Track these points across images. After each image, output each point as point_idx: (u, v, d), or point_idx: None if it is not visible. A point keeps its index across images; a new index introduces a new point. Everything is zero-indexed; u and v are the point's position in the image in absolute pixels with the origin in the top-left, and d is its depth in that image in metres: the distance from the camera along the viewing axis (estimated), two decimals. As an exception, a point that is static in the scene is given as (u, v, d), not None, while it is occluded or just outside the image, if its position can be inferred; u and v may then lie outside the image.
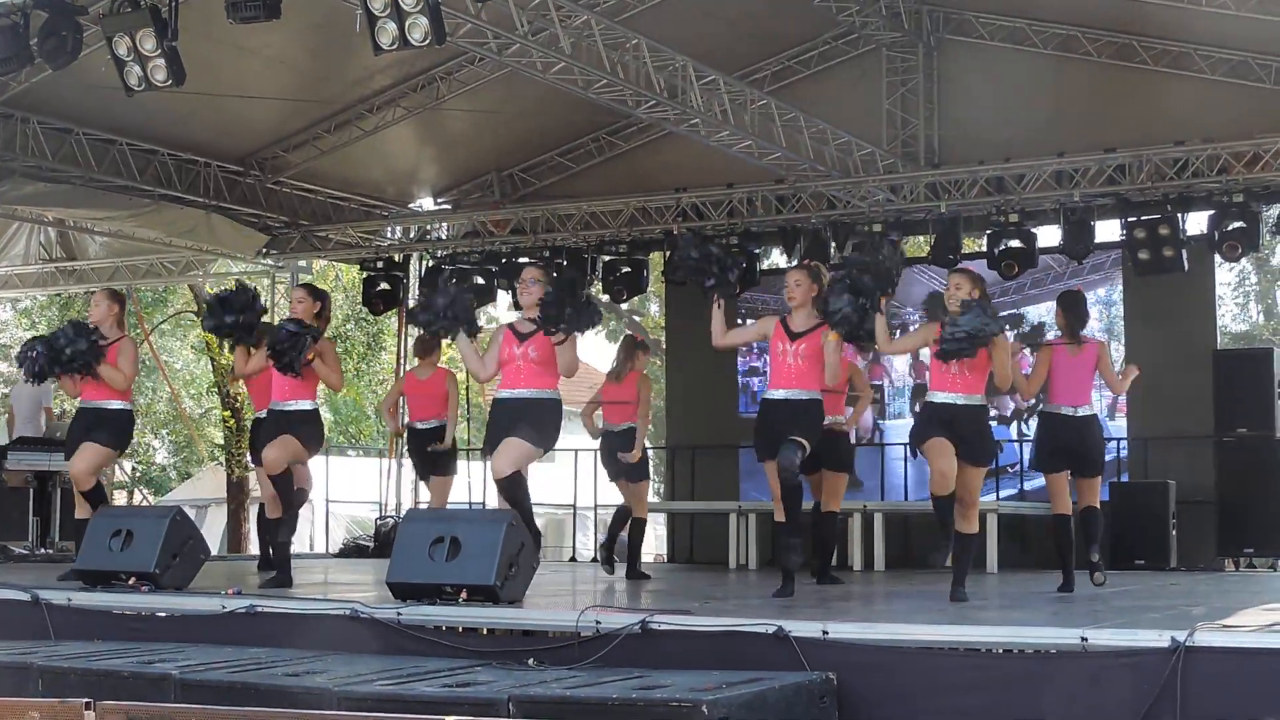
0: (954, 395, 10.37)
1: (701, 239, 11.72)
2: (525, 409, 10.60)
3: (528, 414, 10.59)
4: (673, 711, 6.43)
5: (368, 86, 18.15)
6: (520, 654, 8.42)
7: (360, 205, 20.82)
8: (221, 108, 17.16)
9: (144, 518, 11.36)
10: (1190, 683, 7.04)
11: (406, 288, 21.22)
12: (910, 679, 7.62)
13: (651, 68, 14.17)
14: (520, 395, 10.63)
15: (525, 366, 10.63)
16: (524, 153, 20.21)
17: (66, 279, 23.12)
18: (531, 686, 7.12)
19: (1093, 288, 17.61)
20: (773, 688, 7.11)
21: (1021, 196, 16.94)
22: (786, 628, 7.86)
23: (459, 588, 9.31)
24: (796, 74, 18.45)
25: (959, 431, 10.30)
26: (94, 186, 18.18)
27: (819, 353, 10.56)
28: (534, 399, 10.63)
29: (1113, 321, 17.96)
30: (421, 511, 10.16)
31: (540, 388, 10.65)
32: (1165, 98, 16.90)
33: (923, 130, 17.87)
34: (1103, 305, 16.92)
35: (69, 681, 7.97)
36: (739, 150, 15.89)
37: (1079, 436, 11.63)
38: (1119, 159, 16.57)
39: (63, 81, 14.84)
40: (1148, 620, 8.50)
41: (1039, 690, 7.38)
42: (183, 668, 7.91)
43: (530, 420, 10.57)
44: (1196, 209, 16.87)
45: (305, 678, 7.59)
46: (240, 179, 19.33)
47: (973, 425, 10.44)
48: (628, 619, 8.30)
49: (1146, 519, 16.32)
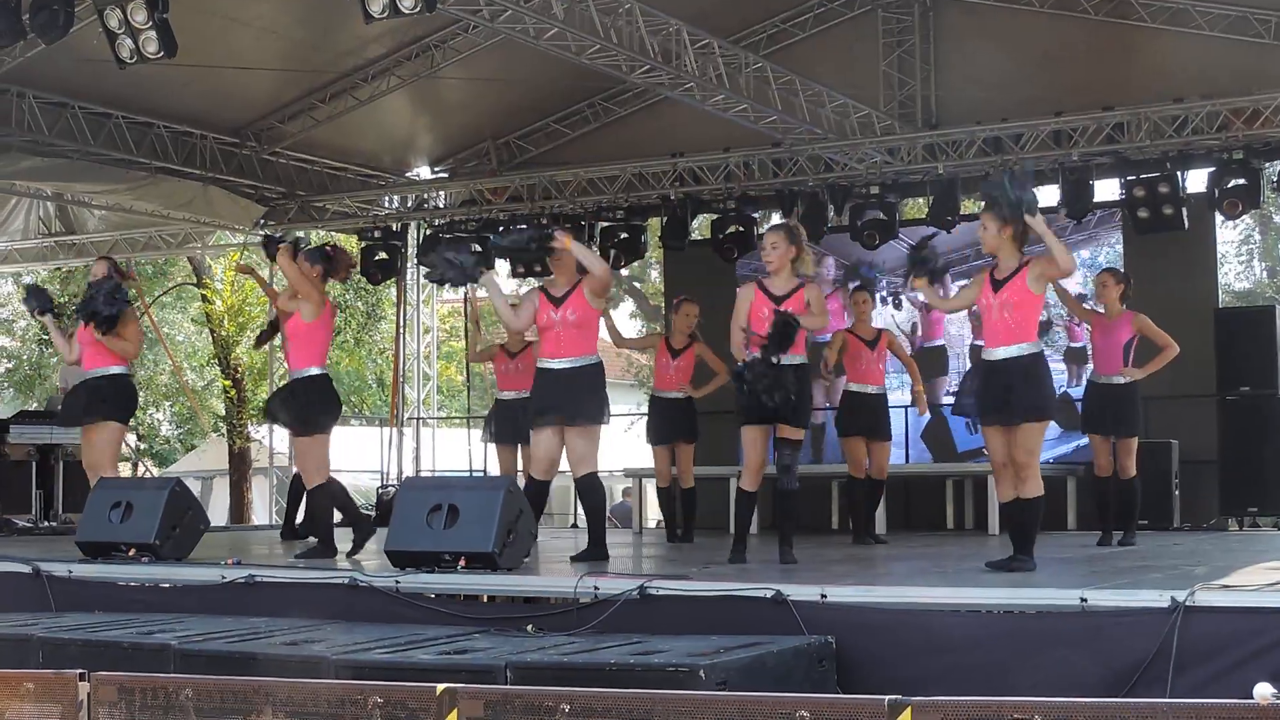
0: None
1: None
2: (573, 379, 10.61)
3: (576, 385, 10.61)
4: (670, 676, 6.42)
5: (362, 56, 18.08)
6: (519, 621, 8.42)
7: (357, 175, 20.78)
8: (216, 79, 17.10)
9: (144, 489, 11.34)
10: (1187, 642, 7.03)
11: (405, 257, 21.22)
12: (909, 641, 7.60)
13: (645, 32, 14.09)
14: (565, 366, 10.63)
15: (564, 332, 10.61)
16: (520, 120, 20.14)
17: (66, 253, 23.08)
18: (529, 653, 7.11)
19: (1079, 248, 17.54)
20: (771, 651, 7.10)
21: (1020, 156, 16.85)
22: (785, 592, 7.85)
23: (457, 555, 9.31)
24: (792, 36, 18.35)
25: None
26: (91, 160, 18.14)
27: (804, 313, 10.42)
28: (579, 368, 10.63)
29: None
30: (420, 480, 10.19)
31: (583, 354, 10.65)
32: (1163, 55, 16.85)
33: (919, 91, 17.81)
34: (1086, 269, 16.80)
35: (69, 653, 7.98)
36: (734, 114, 15.83)
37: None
38: (1117, 117, 16.50)
39: (57, 55, 14.77)
40: (1150, 580, 8.49)
41: (1037, 650, 7.37)
42: (181, 638, 7.93)
43: (581, 396, 10.60)
44: (1196, 166, 16.84)
45: (303, 647, 7.60)
46: (237, 150, 19.28)
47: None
48: (626, 584, 8.29)
49: (1149, 478, 16.25)
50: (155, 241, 22.66)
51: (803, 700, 4.73)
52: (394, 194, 21.14)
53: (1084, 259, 17.41)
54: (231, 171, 19.31)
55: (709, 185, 18.60)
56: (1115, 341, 12.63)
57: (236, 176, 19.47)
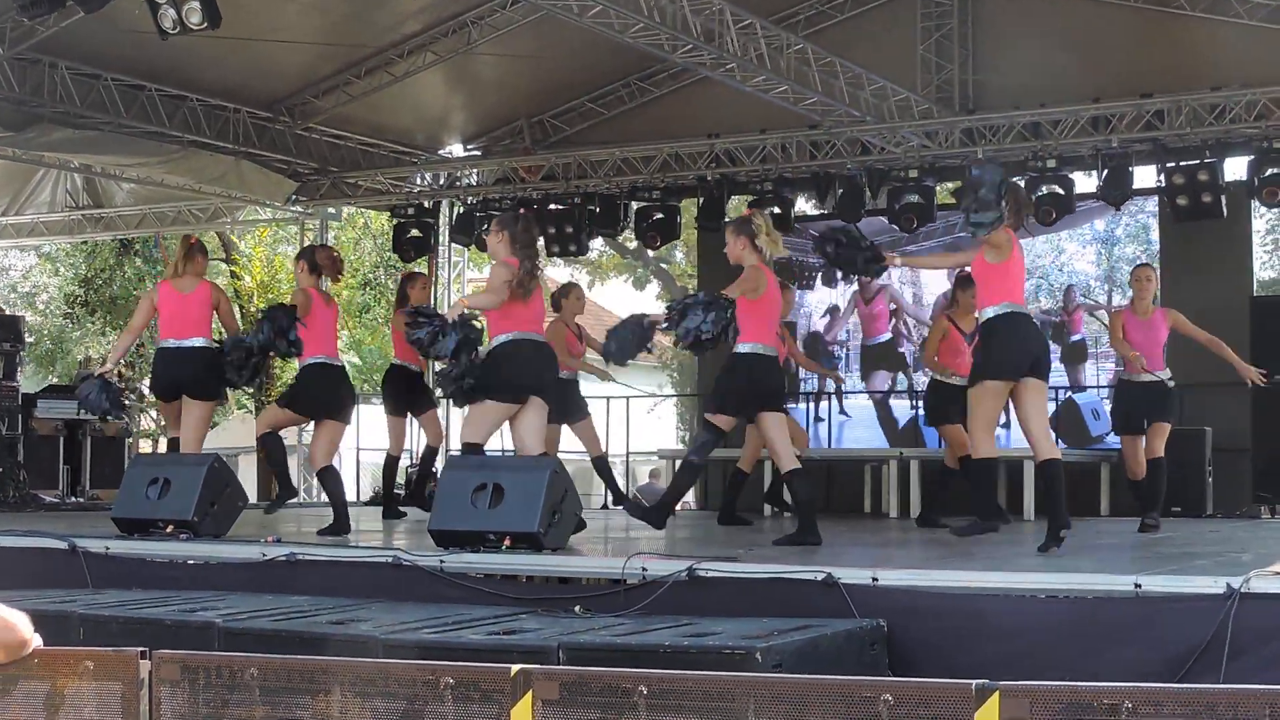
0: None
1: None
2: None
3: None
4: (726, 659, 6.37)
5: (398, 31, 18.01)
6: (564, 601, 8.36)
7: (390, 152, 20.71)
8: (251, 53, 17.05)
9: (182, 465, 11.27)
10: (1242, 628, 7.00)
11: (437, 234, 21.16)
12: (962, 626, 7.56)
13: (689, 11, 14.02)
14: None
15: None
16: (555, 99, 20.05)
17: (93, 226, 23.06)
18: (580, 634, 7.07)
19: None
20: (824, 634, 7.07)
21: (1059, 142, 16.79)
22: (836, 574, 7.80)
23: (502, 535, 9.26)
24: (830, 19, 18.26)
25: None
26: (122, 133, 18.04)
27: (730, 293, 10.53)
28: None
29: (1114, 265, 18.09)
30: (463, 459, 10.06)
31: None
32: (1203, 43, 16.74)
33: (957, 75, 17.70)
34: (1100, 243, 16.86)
35: (110, 630, 7.93)
36: (775, 95, 15.75)
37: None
38: (1156, 104, 16.42)
39: (92, 26, 14.68)
40: (1198, 567, 8.44)
41: (1089, 635, 7.32)
42: (225, 615, 7.88)
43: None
44: (1235, 154, 16.78)
45: (350, 625, 7.55)
46: (270, 125, 19.21)
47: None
48: (675, 565, 8.23)
49: (1183, 466, 16.17)
50: (184, 216, 22.58)
51: (886, 684, 4.67)
52: (427, 171, 21.10)
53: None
54: (264, 146, 19.24)
55: (745, 167, 18.53)
56: (1156, 339, 12.64)
57: (269, 151, 19.40)
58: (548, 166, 19.78)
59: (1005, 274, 10.12)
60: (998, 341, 10.08)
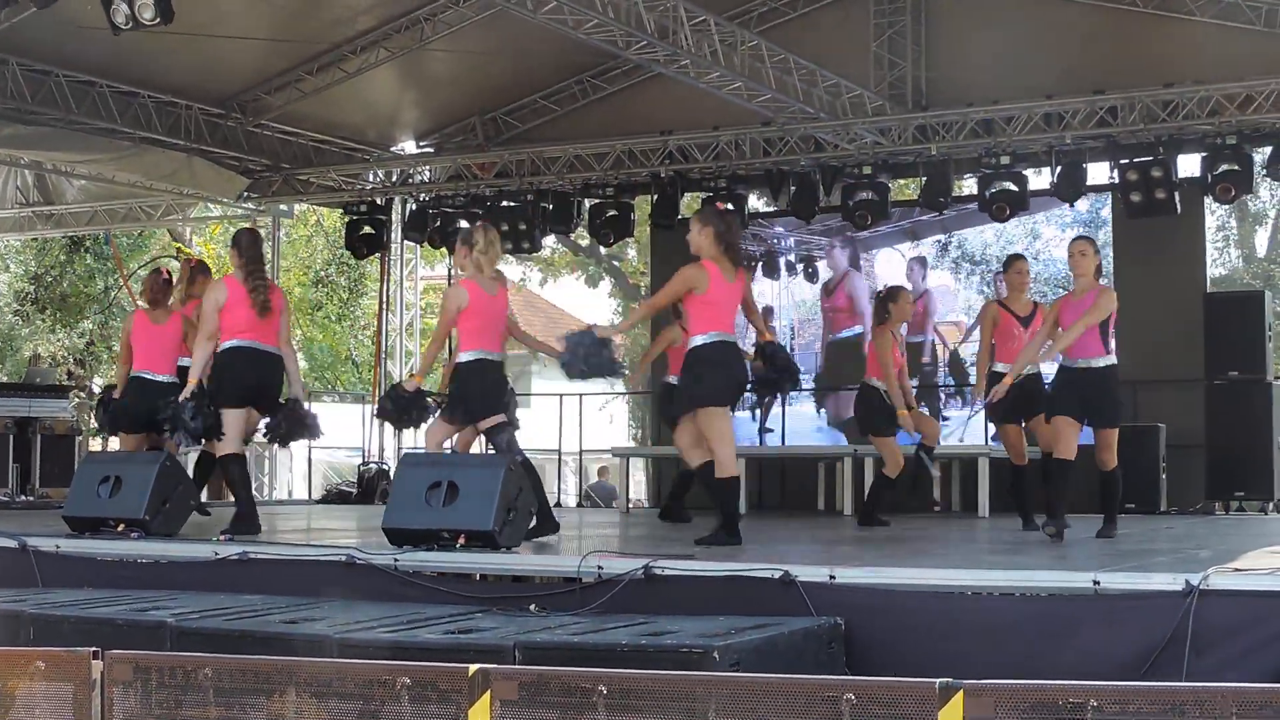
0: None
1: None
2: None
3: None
4: (684, 657, 6.32)
5: (351, 28, 17.93)
6: (520, 600, 8.31)
7: (342, 149, 20.61)
8: (202, 49, 16.92)
9: (133, 463, 11.17)
10: (1202, 625, 7.00)
11: (389, 231, 21.08)
12: (918, 623, 7.53)
13: (643, 7, 13.98)
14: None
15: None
16: (508, 95, 20.00)
17: (44, 223, 22.89)
18: (536, 633, 7.02)
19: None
20: (782, 633, 7.03)
21: (1012, 139, 16.82)
22: (793, 572, 7.76)
23: (456, 533, 9.20)
24: (784, 15, 18.25)
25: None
26: (74, 129, 17.93)
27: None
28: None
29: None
30: (418, 455, 10.01)
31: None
32: (1155, 40, 16.79)
33: (911, 72, 17.70)
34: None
35: (62, 630, 7.83)
36: (729, 92, 15.73)
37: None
38: (1109, 101, 16.44)
39: (42, 22, 14.58)
40: (1157, 564, 8.43)
41: (1048, 633, 7.30)
42: (178, 615, 7.78)
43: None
44: (1188, 151, 16.83)
45: (305, 625, 7.47)
46: (221, 121, 19.11)
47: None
48: (631, 564, 8.19)
49: (1137, 462, 16.20)
50: (135, 213, 22.49)
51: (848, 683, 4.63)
52: (379, 168, 20.99)
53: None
54: (216, 143, 19.14)
55: (699, 164, 18.50)
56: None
57: (221, 148, 19.29)
58: (501, 163, 19.71)
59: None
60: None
